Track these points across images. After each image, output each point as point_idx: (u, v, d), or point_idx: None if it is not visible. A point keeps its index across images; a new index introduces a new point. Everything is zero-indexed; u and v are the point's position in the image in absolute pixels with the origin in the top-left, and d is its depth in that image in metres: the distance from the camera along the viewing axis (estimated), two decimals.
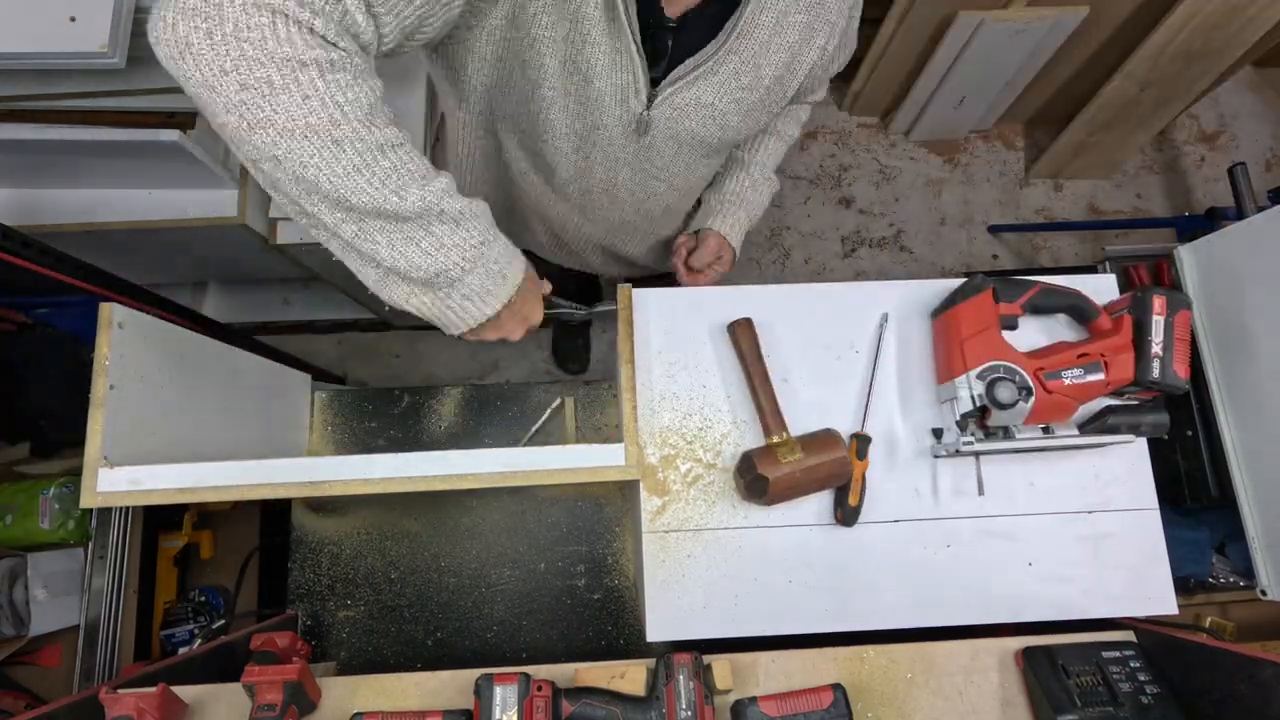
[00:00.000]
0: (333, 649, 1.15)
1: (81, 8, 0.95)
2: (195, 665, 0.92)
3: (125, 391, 0.79)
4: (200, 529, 1.34)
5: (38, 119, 1.14)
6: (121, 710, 0.73)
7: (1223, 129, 2.46)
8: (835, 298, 0.95)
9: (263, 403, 1.09)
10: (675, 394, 0.91)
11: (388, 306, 0.66)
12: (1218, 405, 1.06)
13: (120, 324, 0.79)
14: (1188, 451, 1.15)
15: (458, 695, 0.83)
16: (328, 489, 0.77)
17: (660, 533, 0.86)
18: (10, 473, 1.23)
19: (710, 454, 0.89)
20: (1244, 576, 1.22)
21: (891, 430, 0.90)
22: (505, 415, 1.25)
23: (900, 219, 2.34)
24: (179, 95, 1.15)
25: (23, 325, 1.16)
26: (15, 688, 1.14)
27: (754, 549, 0.86)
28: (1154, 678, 0.80)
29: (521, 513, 1.21)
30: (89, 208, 1.33)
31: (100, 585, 1.09)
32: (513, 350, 2.18)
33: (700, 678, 0.78)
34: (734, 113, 0.82)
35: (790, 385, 0.91)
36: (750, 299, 0.94)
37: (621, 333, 0.91)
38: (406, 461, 0.79)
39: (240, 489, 0.78)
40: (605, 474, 0.81)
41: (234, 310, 1.97)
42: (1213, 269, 1.07)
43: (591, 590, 1.18)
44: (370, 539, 1.19)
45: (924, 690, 0.84)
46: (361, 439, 1.23)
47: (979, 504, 0.88)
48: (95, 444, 0.75)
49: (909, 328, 0.94)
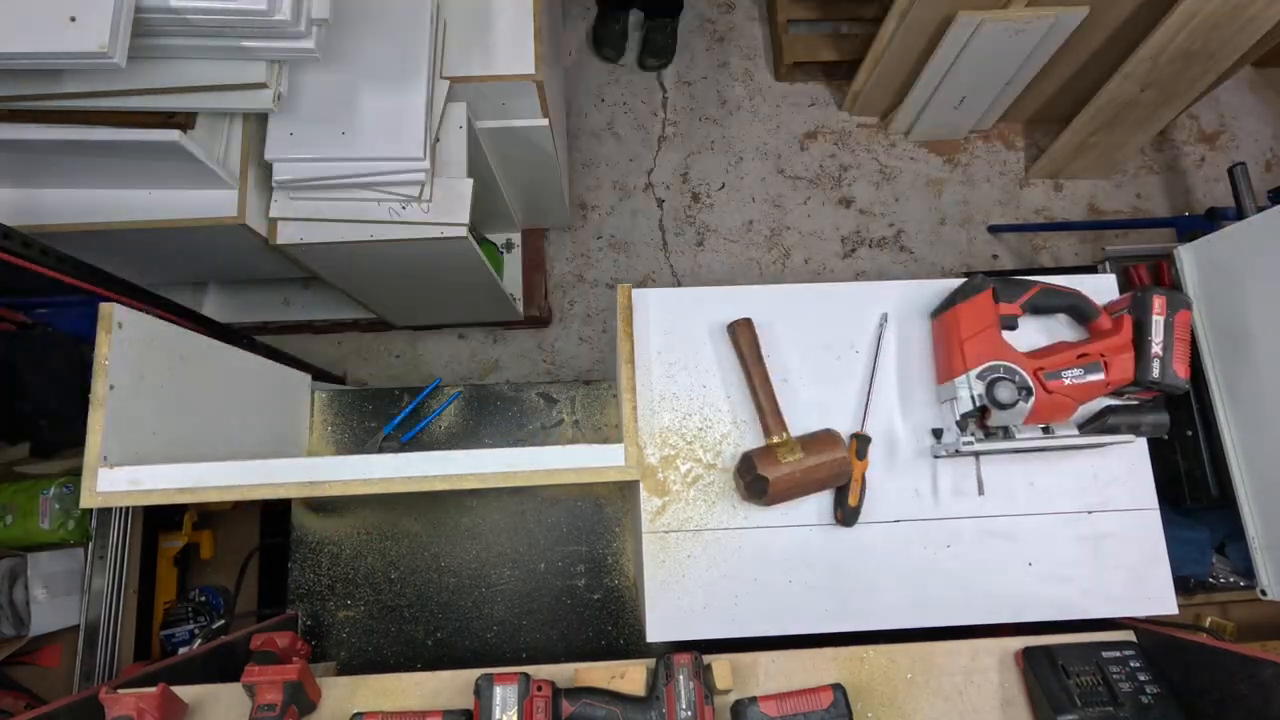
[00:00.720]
0: (333, 649, 1.15)
1: (81, 8, 0.95)
2: (195, 665, 0.92)
3: (125, 391, 0.79)
4: (200, 529, 1.34)
5: (38, 119, 1.14)
6: (121, 710, 0.73)
7: (1223, 129, 2.46)
8: (835, 298, 0.95)
9: (263, 403, 1.09)
10: (675, 394, 0.91)
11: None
12: (1218, 405, 1.06)
13: (120, 324, 0.79)
14: (1188, 451, 1.15)
15: (458, 695, 0.83)
16: (327, 489, 0.78)
17: (660, 533, 0.86)
18: (10, 473, 1.23)
19: (710, 454, 0.89)
20: (1244, 576, 1.22)
21: (891, 430, 0.91)
22: (505, 415, 1.25)
23: (900, 219, 2.34)
24: (179, 95, 1.15)
25: (23, 325, 1.16)
26: (15, 688, 1.14)
27: (754, 549, 0.86)
28: (1154, 677, 0.80)
29: (521, 513, 1.21)
30: (89, 208, 1.33)
31: (100, 585, 1.09)
32: (513, 350, 2.18)
33: (700, 678, 0.78)
34: None
35: (790, 385, 0.91)
36: (750, 299, 0.94)
37: (621, 332, 0.91)
38: (406, 462, 0.79)
39: (240, 489, 0.78)
40: (605, 474, 0.81)
41: (234, 310, 1.98)
42: (1213, 269, 1.07)
43: (591, 590, 1.18)
44: (370, 539, 1.19)
45: (924, 690, 0.84)
46: (361, 439, 1.23)
47: (979, 504, 0.88)
48: (95, 444, 0.76)
49: (909, 328, 0.94)
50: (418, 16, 1.34)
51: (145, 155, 1.21)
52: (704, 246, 2.27)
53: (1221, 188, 2.30)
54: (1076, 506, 0.89)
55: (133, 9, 0.99)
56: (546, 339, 2.19)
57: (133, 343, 0.81)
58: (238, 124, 1.32)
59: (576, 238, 2.27)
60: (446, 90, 1.40)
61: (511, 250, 2.14)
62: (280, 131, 1.29)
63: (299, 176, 1.31)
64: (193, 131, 1.19)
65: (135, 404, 0.80)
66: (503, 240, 2.13)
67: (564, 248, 2.26)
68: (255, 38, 1.11)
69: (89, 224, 1.32)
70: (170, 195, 1.33)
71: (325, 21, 1.15)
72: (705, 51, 2.42)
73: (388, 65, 1.32)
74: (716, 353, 0.92)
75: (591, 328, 2.20)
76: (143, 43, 1.05)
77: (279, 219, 1.38)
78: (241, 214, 1.31)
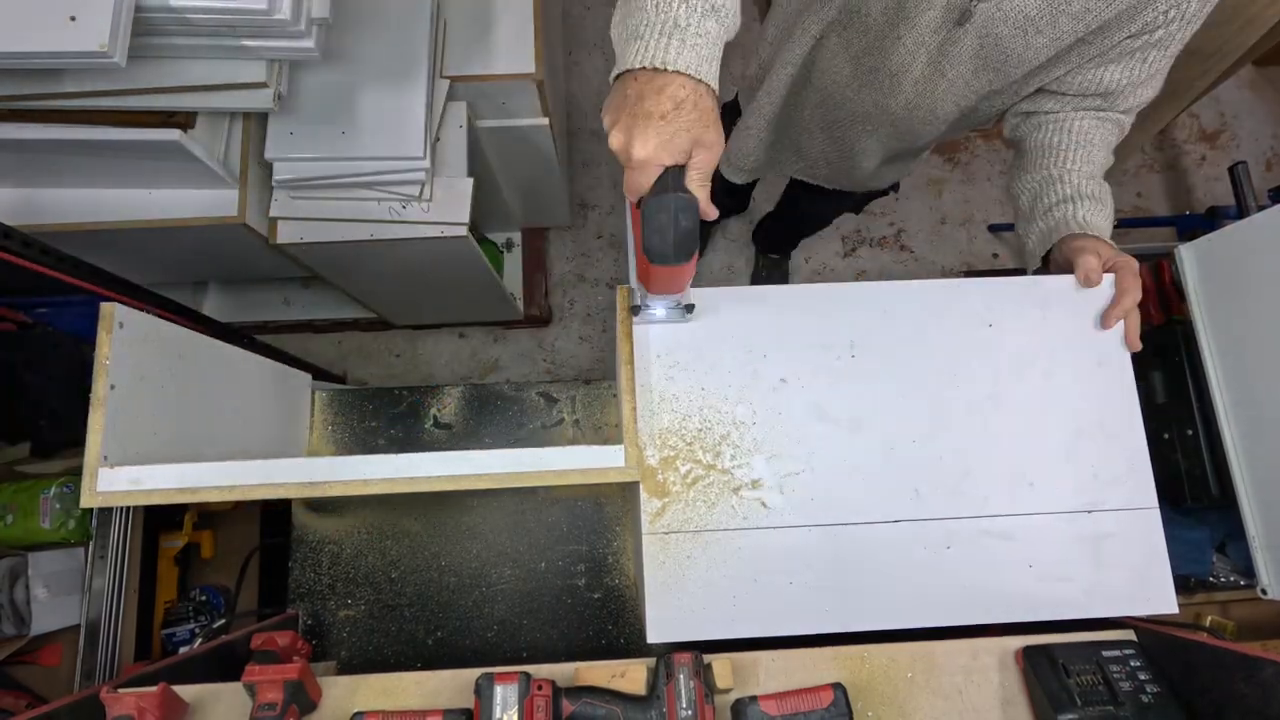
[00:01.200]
0: (333, 648, 1.16)
1: (81, 7, 0.95)
2: (196, 664, 0.92)
3: (125, 391, 0.79)
4: (201, 529, 1.34)
5: (38, 119, 1.14)
6: (122, 709, 0.73)
7: (1223, 128, 2.46)
8: (835, 298, 0.95)
9: (263, 402, 1.09)
10: (675, 395, 0.90)
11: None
12: (1218, 404, 1.05)
13: (121, 324, 0.79)
14: (1188, 451, 1.15)
15: (458, 694, 0.83)
16: (328, 489, 0.78)
17: (660, 534, 0.86)
18: (10, 473, 1.23)
19: (710, 455, 0.89)
20: (1244, 576, 1.22)
21: (888, 429, 0.90)
22: (505, 415, 1.25)
23: (900, 218, 2.34)
24: (179, 95, 1.15)
25: (23, 325, 1.16)
26: (16, 687, 1.14)
27: (754, 550, 0.86)
28: (1154, 677, 0.80)
29: (522, 512, 1.21)
30: (89, 208, 1.33)
31: (101, 585, 1.09)
32: (513, 349, 2.18)
33: (701, 677, 0.78)
34: (1047, 29, 0.81)
35: (789, 386, 0.91)
36: (751, 299, 0.94)
37: (621, 333, 0.91)
38: (406, 462, 0.79)
39: (240, 489, 0.78)
40: (606, 475, 0.82)
41: (234, 310, 1.98)
42: (1214, 267, 1.07)
43: (592, 589, 1.18)
44: (370, 538, 1.20)
45: (924, 689, 0.84)
46: (361, 439, 1.23)
47: (979, 504, 0.88)
48: (95, 444, 0.76)
49: (907, 327, 0.94)
50: (418, 15, 1.34)
51: (145, 155, 1.21)
52: (704, 246, 2.27)
53: (1222, 187, 2.30)
54: (1076, 506, 0.89)
55: (133, 8, 0.99)
56: (547, 338, 2.19)
57: (133, 342, 0.81)
58: (238, 123, 1.32)
59: (577, 237, 2.27)
60: (447, 89, 1.40)
61: (512, 249, 2.15)
62: (280, 131, 1.29)
63: (299, 176, 1.31)
64: (193, 131, 1.19)
65: (136, 404, 0.80)
66: (503, 239, 2.13)
67: (564, 247, 2.26)
68: (255, 37, 1.11)
69: (89, 224, 1.32)
70: (170, 195, 1.34)
71: (325, 21, 1.15)
72: None
73: (388, 64, 1.32)
74: (716, 354, 0.92)
75: (592, 327, 2.20)
76: (143, 42, 1.05)
77: (279, 218, 1.38)
78: (241, 213, 1.32)
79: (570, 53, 2.40)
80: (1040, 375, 0.91)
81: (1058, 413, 0.90)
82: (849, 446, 0.89)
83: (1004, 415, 0.90)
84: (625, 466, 0.82)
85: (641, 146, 0.60)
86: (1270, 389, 0.97)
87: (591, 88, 2.38)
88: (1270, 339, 0.97)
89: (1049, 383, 0.91)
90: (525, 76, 1.42)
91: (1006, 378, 0.91)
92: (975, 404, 0.90)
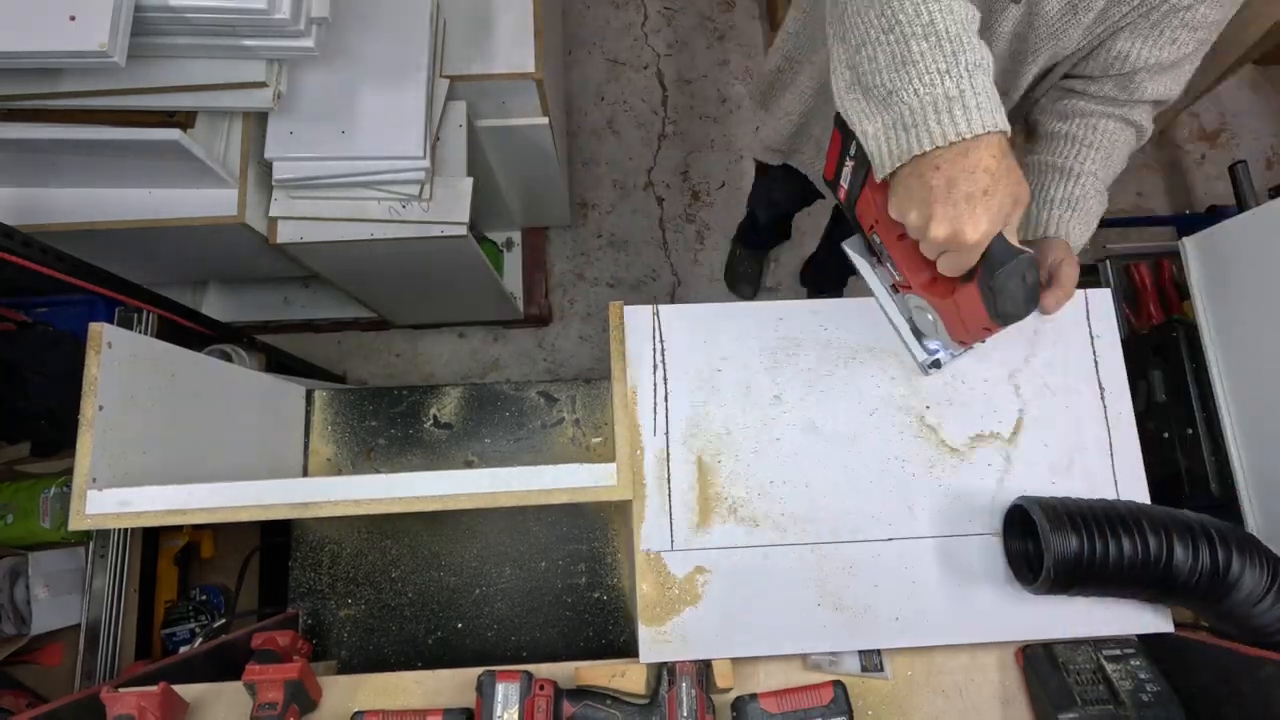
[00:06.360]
0: (333, 648, 1.16)
1: (81, 6, 0.95)
2: (196, 664, 0.92)
3: (115, 411, 0.78)
4: (201, 529, 1.34)
5: (38, 118, 1.14)
6: (123, 709, 0.73)
7: (1224, 127, 2.45)
8: (836, 304, 0.93)
9: (255, 418, 1.08)
10: (669, 411, 0.89)
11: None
12: (1220, 403, 1.05)
13: (110, 344, 0.78)
14: (1188, 449, 1.15)
15: (458, 694, 0.83)
16: (318, 509, 0.77)
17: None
18: (10, 472, 1.23)
19: (704, 473, 0.88)
20: None
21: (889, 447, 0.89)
22: (505, 415, 1.25)
23: None
24: (179, 94, 1.15)
25: (23, 325, 1.16)
26: (16, 687, 1.14)
27: (752, 568, 0.85)
28: (1154, 676, 0.80)
29: (522, 511, 1.21)
30: (89, 207, 1.33)
31: (101, 584, 1.09)
32: (513, 348, 2.18)
33: (702, 685, 0.78)
34: (1095, 4, 0.77)
35: (787, 397, 0.90)
36: (738, 315, 0.93)
37: (614, 351, 0.90)
38: (396, 482, 0.78)
39: (230, 510, 0.77)
40: (597, 494, 0.80)
41: (234, 309, 1.98)
42: (1218, 260, 1.06)
43: (592, 589, 1.18)
44: (370, 538, 1.19)
45: (924, 688, 0.84)
46: (362, 438, 1.23)
47: (983, 523, 0.86)
48: (83, 466, 0.74)
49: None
50: (417, 15, 1.34)
51: (145, 154, 1.21)
52: (704, 245, 2.27)
53: (1222, 186, 2.30)
54: None
55: (132, 8, 0.99)
56: (547, 337, 2.19)
57: (122, 362, 0.79)
58: (238, 123, 1.32)
59: (577, 236, 2.27)
60: (446, 89, 1.40)
61: (511, 249, 2.15)
62: (280, 130, 1.29)
63: (299, 175, 1.31)
64: (193, 130, 1.19)
65: (125, 424, 0.79)
66: (503, 239, 2.13)
67: (564, 246, 2.26)
68: (255, 36, 1.11)
69: (89, 223, 1.32)
70: (170, 194, 1.34)
71: (325, 20, 1.15)
72: (705, 49, 2.42)
73: (387, 64, 1.32)
74: (709, 370, 0.91)
75: (592, 326, 2.20)
76: (142, 41, 1.05)
77: (279, 218, 1.38)
78: (241, 213, 1.31)
79: (570, 52, 2.40)
80: (1032, 389, 0.90)
81: (1054, 426, 0.89)
82: (843, 463, 0.88)
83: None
84: (617, 485, 0.81)
85: (974, 230, 0.60)
86: (1273, 386, 0.97)
87: (591, 87, 2.38)
88: (1274, 334, 0.96)
89: (1041, 395, 0.90)
90: (525, 76, 1.42)
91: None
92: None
